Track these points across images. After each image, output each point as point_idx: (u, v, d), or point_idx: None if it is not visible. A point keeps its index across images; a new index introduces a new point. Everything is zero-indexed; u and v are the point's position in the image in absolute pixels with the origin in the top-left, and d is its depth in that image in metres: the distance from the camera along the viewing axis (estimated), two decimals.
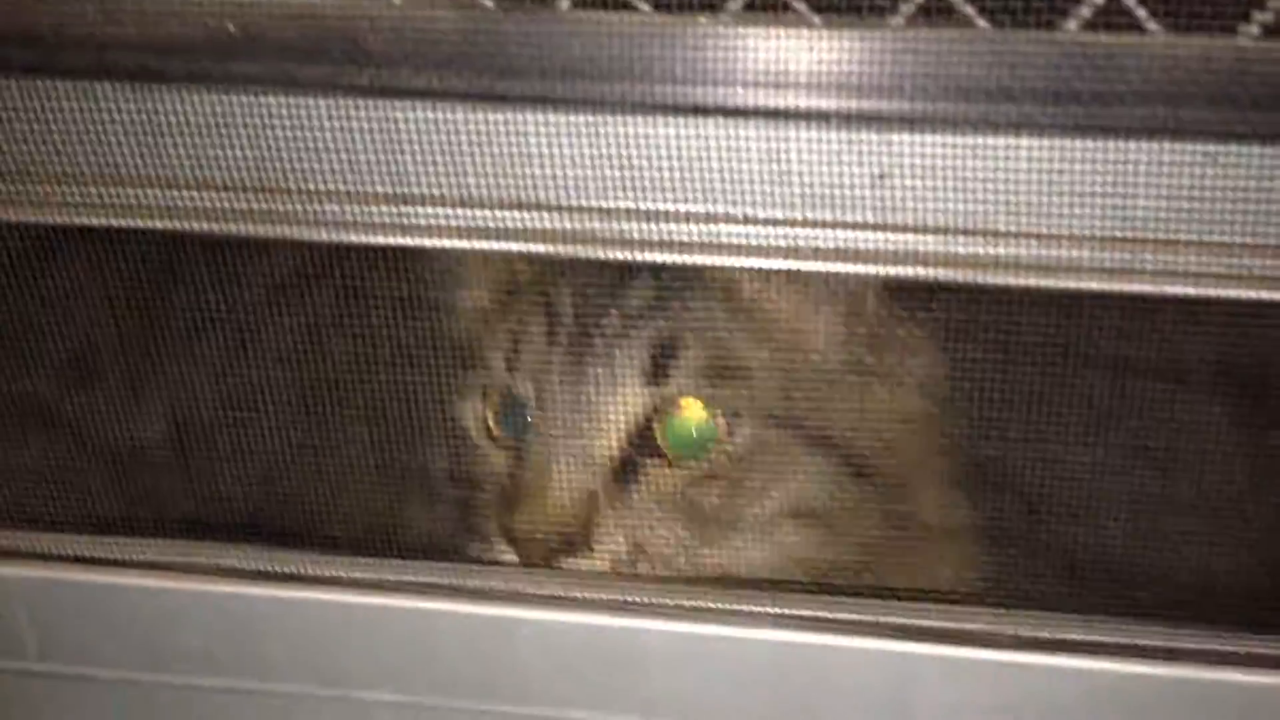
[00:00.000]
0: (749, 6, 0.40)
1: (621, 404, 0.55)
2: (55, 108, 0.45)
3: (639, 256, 0.45)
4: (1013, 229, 0.43)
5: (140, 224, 0.46)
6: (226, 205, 0.46)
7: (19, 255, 0.49)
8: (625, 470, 0.56)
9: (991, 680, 0.50)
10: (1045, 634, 0.50)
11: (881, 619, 0.51)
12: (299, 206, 0.45)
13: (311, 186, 0.45)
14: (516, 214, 0.45)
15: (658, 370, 0.54)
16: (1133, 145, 0.40)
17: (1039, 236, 0.43)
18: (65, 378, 0.53)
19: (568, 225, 0.45)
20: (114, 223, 0.46)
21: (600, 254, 0.45)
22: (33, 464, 0.55)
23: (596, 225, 0.45)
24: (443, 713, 0.55)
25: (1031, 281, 0.43)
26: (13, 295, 0.50)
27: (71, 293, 0.49)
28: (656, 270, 0.55)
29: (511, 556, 0.55)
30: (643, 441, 0.56)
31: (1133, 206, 0.41)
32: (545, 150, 0.44)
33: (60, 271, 0.49)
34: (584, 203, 0.44)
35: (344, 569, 0.53)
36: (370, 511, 0.56)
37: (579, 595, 0.52)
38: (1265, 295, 0.41)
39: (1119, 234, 0.42)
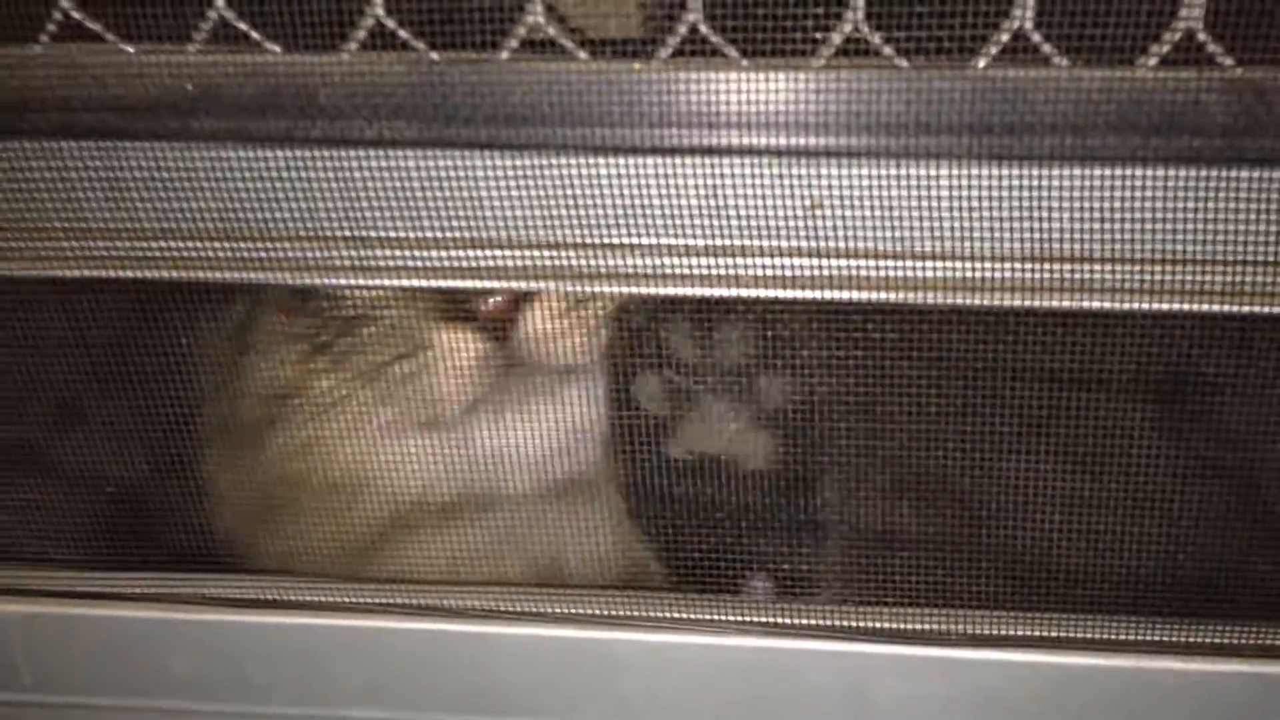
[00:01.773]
0: (679, 52, 0.43)
1: None
2: (25, 166, 0.47)
3: (585, 288, 0.47)
4: (937, 251, 0.45)
5: (112, 274, 0.48)
6: (192, 253, 0.48)
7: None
8: None
9: (943, 676, 0.53)
10: (991, 630, 0.52)
11: (837, 622, 0.53)
12: (261, 252, 0.47)
13: (273, 232, 0.47)
14: (469, 252, 0.47)
15: None
16: (1044, 171, 0.43)
17: (961, 258, 0.45)
18: (51, 421, 0.55)
19: (517, 261, 0.47)
20: (87, 273, 0.48)
21: (548, 287, 0.47)
22: (22, 503, 0.57)
23: (545, 260, 0.47)
24: None
25: (957, 300, 0.45)
26: None
27: (51, 340, 0.51)
28: None
29: (488, 575, 0.57)
30: None
31: (1046, 227, 0.44)
32: (493, 191, 0.46)
33: (40, 320, 0.51)
34: (532, 239, 0.47)
35: (325, 593, 0.55)
36: (351, 537, 0.59)
37: (553, 610, 0.54)
38: (1173, 306, 0.44)
39: (1035, 252, 0.44)
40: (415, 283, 0.48)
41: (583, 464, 0.57)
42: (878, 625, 0.53)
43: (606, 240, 0.46)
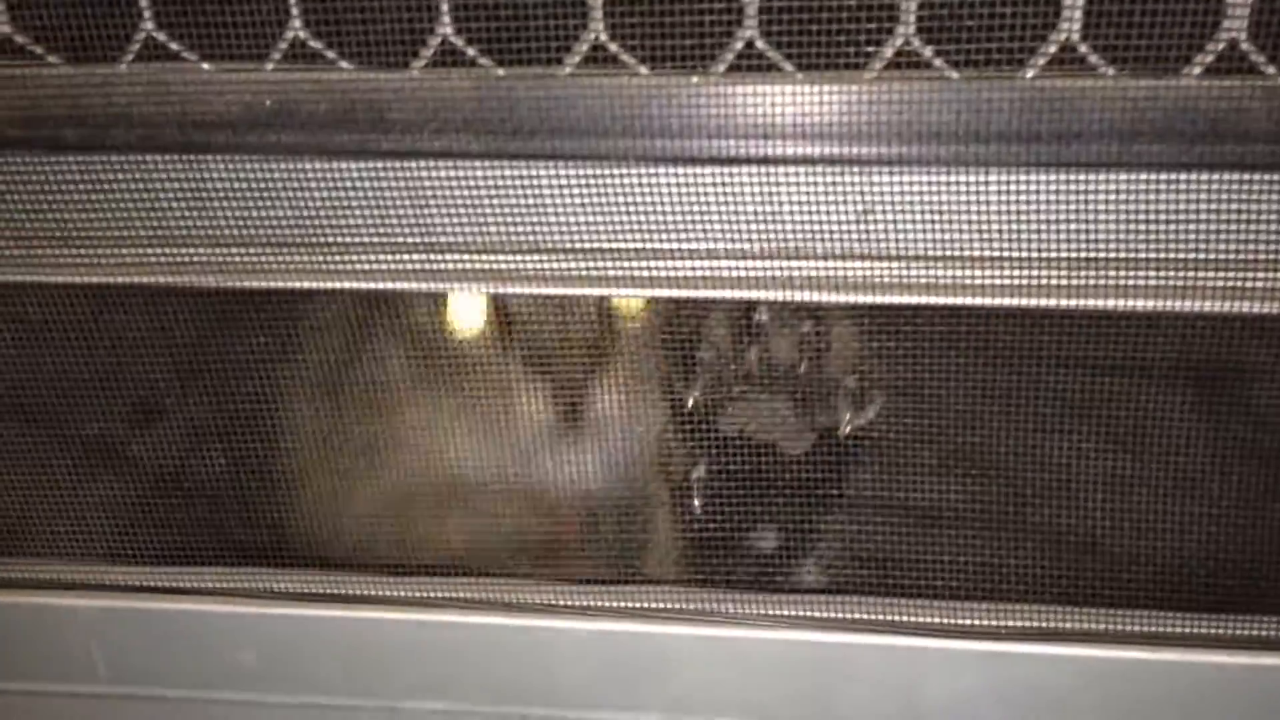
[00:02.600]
0: (735, 66, 0.44)
1: None
2: (111, 180, 0.49)
3: (644, 293, 0.49)
4: (986, 254, 0.47)
5: (193, 281, 0.51)
6: (270, 261, 0.50)
7: (86, 313, 0.53)
8: None
9: (993, 670, 0.54)
10: (1041, 624, 0.53)
11: (890, 617, 0.54)
12: (336, 259, 0.50)
13: (346, 240, 0.49)
14: (533, 258, 0.49)
15: None
16: (1090, 177, 0.44)
17: (1010, 260, 0.47)
18: (128, 421, 0.58)
19: (580, 267, 0.49)
20: (169, 280, 0.51)
21: (610, 292, 0.49)
22: (99, 502, 0.59)
23: (606, 266, 0.49)
24: (484, 718, 0.60)
25: (1005, 301, 0.47)
26: (81, 349, 0.54)
27: (133, 342, 0.54)
28: None
29: (546, 570, 0.59)
30: None
31: (1092, 231, 0.45)
32: (556, 200, 0.48)
33: (122, 326, 0.54)
34: (594, 245, 0.48)
35: (388, 588, 0.57)
36: (413, 533, 0.60)
37: (610, 604, 0.56)
38: (1219, 307, 0.45)
39: (1081, 255, 0.46)
40: (481, 287, 0.50)
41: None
42: (929, 620, 0.54)
43: (665, 246, 0.48)
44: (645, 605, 0.56)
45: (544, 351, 0.58)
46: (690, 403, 0.55)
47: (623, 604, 0.56)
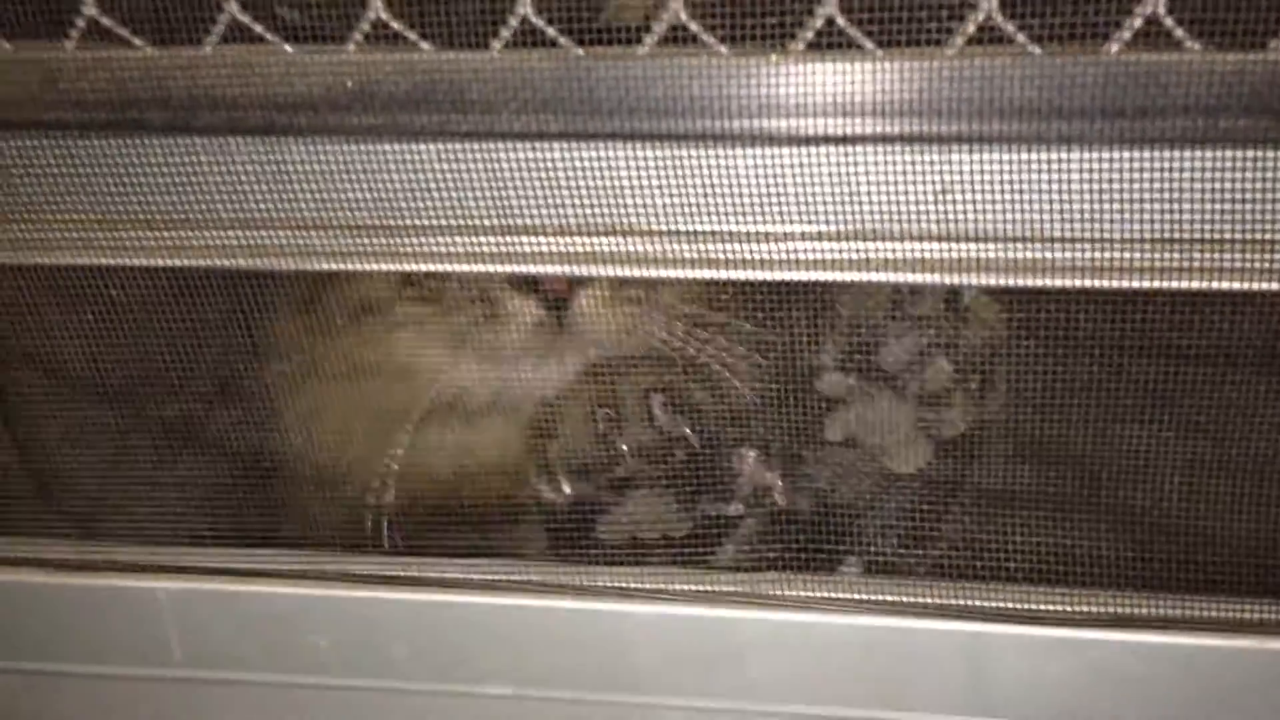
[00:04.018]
0: (815, 44, 0.44)
1: None
2: (194, 162, 0.50)
3: (722, 275, 0.49)
4: (1067, 235, 0.46)
5: (274, 264, 0.51)
6: (349, 244, 0.51)
7: (168, 296, 0.54)
8: None
9: (1065, 656, 0.54)
10: (1115, 610, 0.53)
11: (959, 602, 0.54)
12: (415, 241, 0.50)
13: (425, 222, 0.50)
14: (611, 240, 0.49)
15: None
16: (1175, 154, 0.44)
17: (1091, 241, 0.46)
18: (207, 403, 0.58)
19: (658, 249, 0.49)
20: (251, 264, 0.51)
21: (687, 274, 0.49)
22: (176, 484, 0.60)
23: (684, 247, 0.49)
24: (558, 704, 0.60)
25: (1086, 283, 0.47)
26: (162, 330, 0.55)
27: (212, 323, 0.54)
28: None
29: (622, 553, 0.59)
30: None
31: (1177, 210, 0.45)
32: (634, 181, 0.48)
33: (202, 308, 0.54)
34: (672, 227, 0.49)
35: (464, 570, 0.58)
36: (489, 516, 0.61)
37: (681, 588, 0.56)
38: None
39: (1166, 235, 0.45)
40: (558, 269, 0.50)
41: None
42: (1001, 605, 0.54)
43: (743, 228, 0.48)
44: (716, 589, 0.56)
45: (622, 339, 0.58)
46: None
47: (694, 588, 0.56)
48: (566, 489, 0.61)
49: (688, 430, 0.60)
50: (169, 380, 0.56)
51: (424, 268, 0.50)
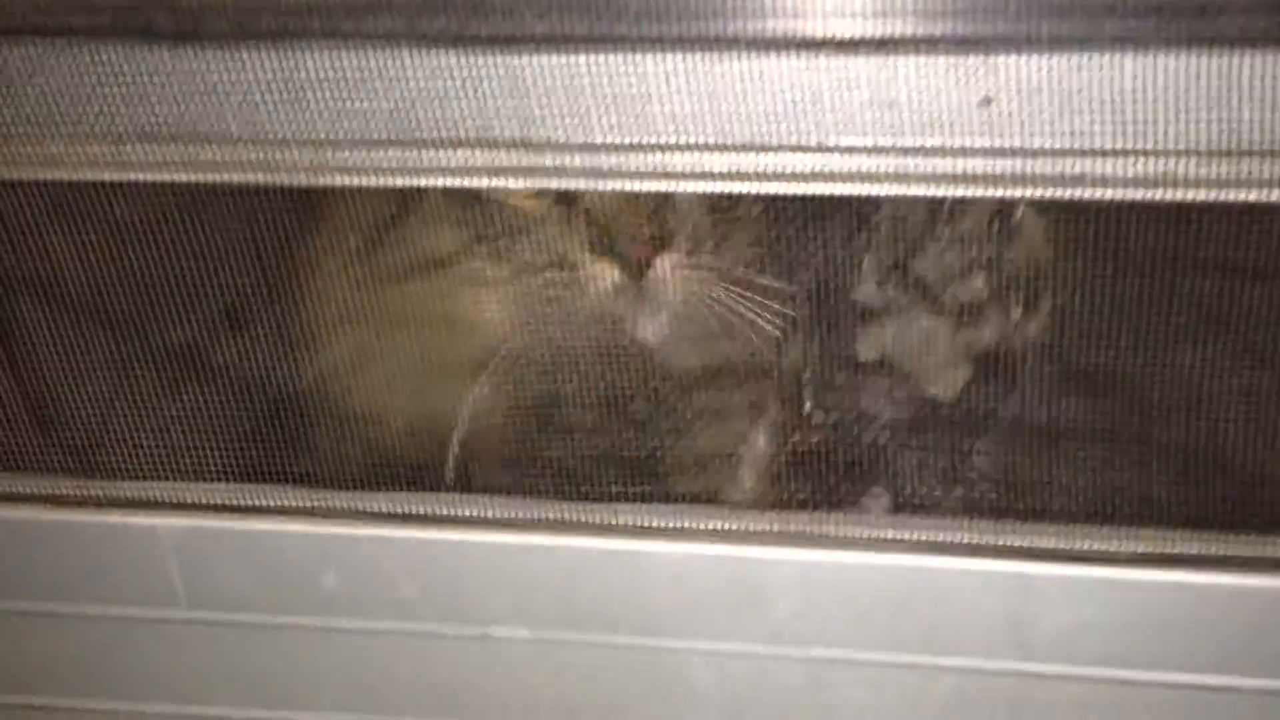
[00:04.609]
0: None
1: None
2: (204, 70, 0.48)
3: (754, 189, 0.47)
4: (1119, 146, 0.44)
5: (285, 180, 0.49)
6: (364, 159, 0.48)
7: (171, 213, 0.52)
8: None
9: (1109, 598, 0.52)
10: (1163, 549, 0.51)
11: (999, 540, 0.52)
12: (433, 154, 0.48)
13: (444, 135, 0.48)
14: (638, 156, 0.47)
15: None
16: (1236, 56, 0.41)
17: (1145, 152, 0.44)
18: (212, 330, 0.56)
19: (687, 162, 0.47)
20: (261, 179, 0.49)
21: (718, 188, 0.47)
22: (180, 416, 0.58)
23: (714, 160, 0.47)
24: (575, 647, 0.58)
25: (1139, 195, 0.44)
26: (165, 251, 0.53)
27: (219, 247, 0.52)
28: None
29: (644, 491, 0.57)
30: None
31: (1237, 118, 0.42)
32: (663, 90, 0.46)
33: (208, 227, 0.52)
34: (702, 140, 0.46)
35: (476, 508, 0.56)
36: (505, 450, 0.59)
37: (703, 526, 0.54)
38: None
39: (1225, 146, 0.43)
40: (582, 184, 0.48)
41: None
42: (1041, 544, 0.52)
43: (777, 141, 0.46)
44: (741, 527, 0.54)
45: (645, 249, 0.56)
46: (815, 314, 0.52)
47: (718, 526, 0.54)
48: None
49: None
50: (176, 305, 0.54)
51: (436, 182, 0.48)
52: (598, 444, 0.57)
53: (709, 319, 0.58)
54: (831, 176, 0.46)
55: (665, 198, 0.58)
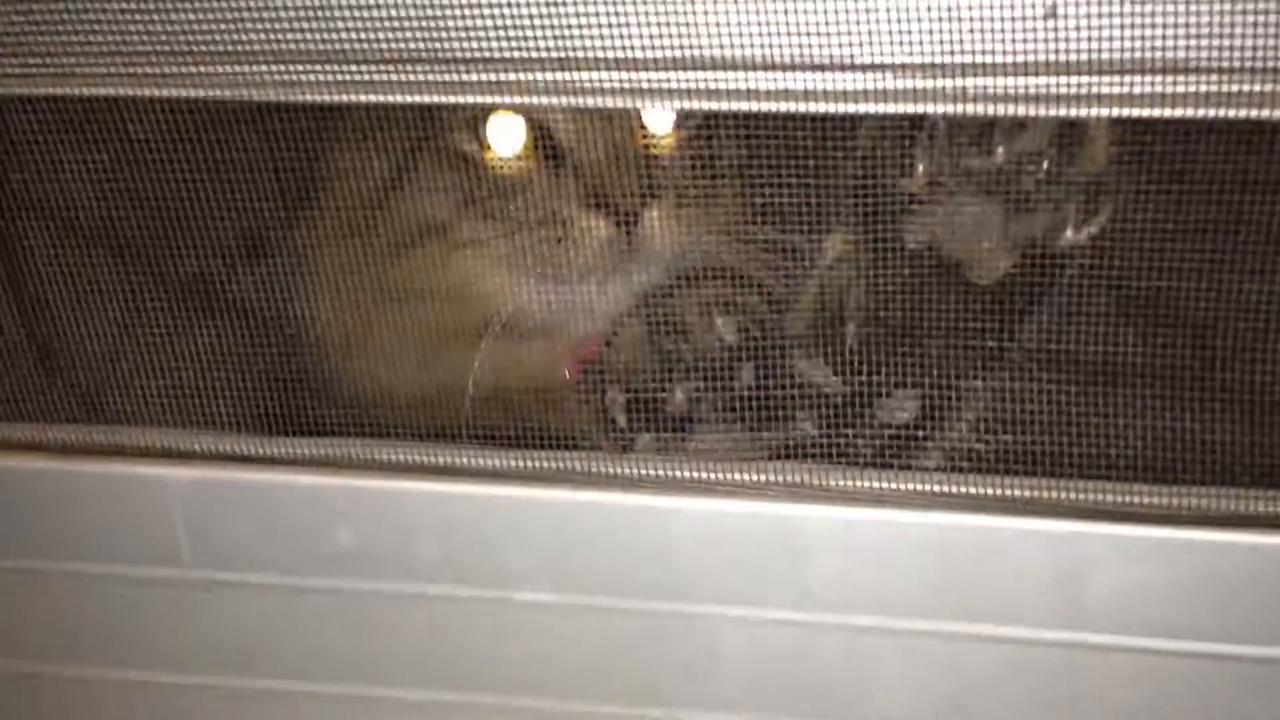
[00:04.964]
0: None
1: None
2: None
3: (804, 108, 0.45)
4: (1194, 62, 0.42)
5: (308, 97, 0.47)
6: (391, 76, 0.46)
7: (187, 133, 0.50)
8: None
9: (1166, 559, 0.48)
10: (1225, 508, 0.48)
11: (1049, 495, 0.49)
12: (465, 74, 0.46)
13: (477, 54, 0.45)
14: (680, 73, 0.45)
15: None
16: None
17: (1222, 70, 0.41)
18: (222, 263, 0.54)
19: (732, 81, 0.45)
20: (282, 97, 0.47)
21: (763, 107, 0.45)
22: (186, 358, 0.55)
23: (761, 79, 0.44)
24: (600, 613, 0.55)
25: (1215, 113, 0.42)
26: (179, 174, 0.51)
27: (235, 171, 0.50)
28: None
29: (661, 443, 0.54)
30: None
31: None
32: (707, 2, 0.43)
33: (224, 149, 0.50)
34: (749, 56, 0.44)
35: (498, 459, 0.53)
36: (521, 401, 0.56)
37: (733, 479, 0.51)
38: None
39: None
40: (623, 102, 0.45)
41: None
42: (1095, 500, 0.49)
43: (825, 58, 0.44)
44: (774, 480, 0.51)
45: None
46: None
47: (749, 479, 0.51)
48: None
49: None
50: (189, 233, 0.51)
51: (477, 100, 0.46)
52: (624, 392, 0.55)
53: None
54: (885, 95, 0.44)
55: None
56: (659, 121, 0.59)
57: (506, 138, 0.58)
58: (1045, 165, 0.48)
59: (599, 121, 0.56)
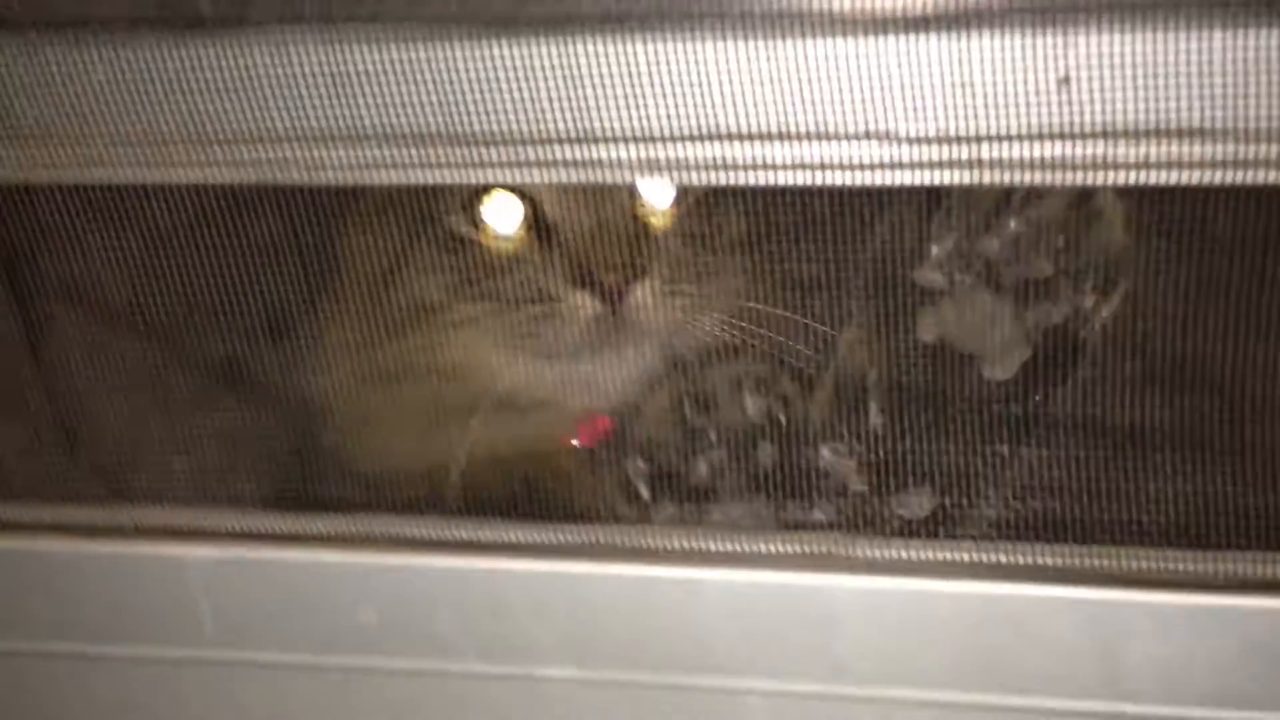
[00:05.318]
0: None
1: None
2: (250, 62, 0.46)
3: (817, 180, 0.45)
4: (1207, 125, 0.42)
5: (332, 179, 0.47)
6: (415, 156, 0.47)
7: (211, 218, 0.50)
8: None
9: (1203, 626, 0.47)
10: (1261, 573, 0.47)
11: (1085, 563, 0.48)
12: (483, 150, 0.46)
13: (496, 128, 0.46)
14: (696, 145, 0.45)
15: None
16: None
17: (1234, 132, 0.41)
18: (245, 345, 0.54)
19: (748, 153, 0.45)
20: (307, 179, 0.47)
21: (778, 180, 0.45)
22: (209, 442, 0.55)
23: (775, 151, 0.45)
24: (622, 688, 0.54)
25: (1230, 178, 0.42)
26: (194, 260, 0.51)
27: (259, 255, 0.50)
28: None
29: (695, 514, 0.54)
30: None
31: None
32: (723, 75, 0.44)
33: (249, 234, 0.50)
34: (762, 128, 0.44)
35: (519, 533, 0.53)
36: (544, 475, 0.56)
37: (761, 550, 0.51)
38: None
39: None
40: (642, 175, 0.46)
41: None
42: (1130, 567, 0.48)
43: (838, 129, 0.44)
44: (801, 551, 0.51)
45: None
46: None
47: (779, 550, 0.51)
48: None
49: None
50: (204, 317, 0.51)
51: (488, 179, 0.46)
52: (648, 464, 0.54)
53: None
54: (901, 164, 0.44)
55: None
56: (657, 196, 0.60)
57: (502, 217, 0.59)
58: (1057, 247, 0.48)
59: (592, 198, 0.57)
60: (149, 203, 0.49)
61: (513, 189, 0.59)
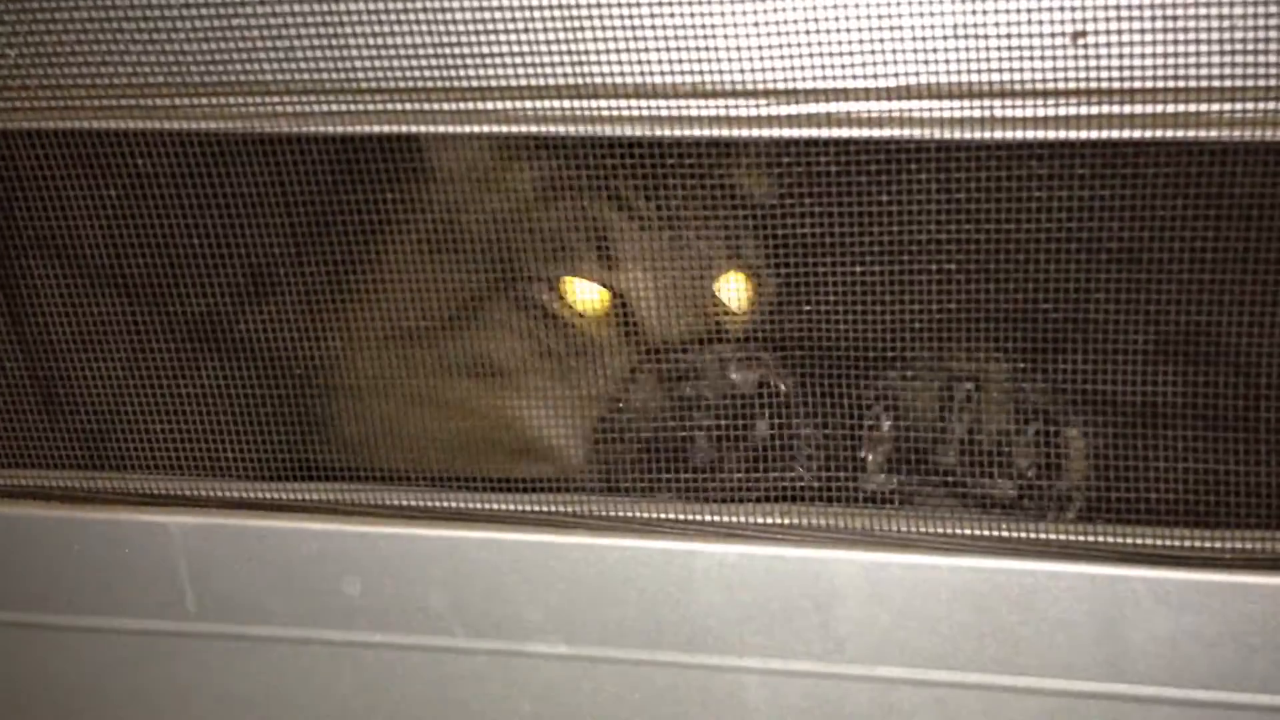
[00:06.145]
0: None
1: None
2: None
3: (826, 134, 0.44)
4: (1228, 83, 0.40)
5: (322, 129, 0.46)
6: (406, 107, 0.45)
7: (196, 168, 0.49)
8: None
9: (1214, 606, 0.46)
10: (1270, 550, 0.46)
11: (1090, 539, 0.47)
12: (477, 102, 0.45)
13: (494, 83, 0.44)
14: (699, 101, 0.44)
15: None
16: None
17: (1256, 90, 0.40)
18: (229, 303, 0.52)
19: (754, 107, 0.44)
20: (297, 129, 0.46)
21: (784, 133, 0.44)
22: (190, 405, 0.53)
23: (782, 106, 0.43)
24: (614, 665, 0.53)
25: (1250, 136, 0.41)
26: (195, 211, 0.50)
27: (243, 210, 0.49)
28: None
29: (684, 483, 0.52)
30: None
31: None
32: (727, 29, 0.42)
33: (235, 186, 0.49)
34: (768, 84, 0.43)
35: (511, 503, 0.51)
36: (538, 443, 0.55)
37: (758, 522, 0.49)
38: None
39: None
40: (645, 131, 0.44)
41: None
42: (1134, 543, 0.47)
43: (852, 83, 0.43)
44: (799, 525, 0.49)
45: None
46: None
47: (777, 523, 0.49)
48: None
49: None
50: (188, 272, 0.50)
51: (497, 130, 0.45)
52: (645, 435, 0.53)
53: None
54: (910, 121, 0.43)
55: None
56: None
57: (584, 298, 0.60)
58: None
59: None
60: (132, 151, 0.48)
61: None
